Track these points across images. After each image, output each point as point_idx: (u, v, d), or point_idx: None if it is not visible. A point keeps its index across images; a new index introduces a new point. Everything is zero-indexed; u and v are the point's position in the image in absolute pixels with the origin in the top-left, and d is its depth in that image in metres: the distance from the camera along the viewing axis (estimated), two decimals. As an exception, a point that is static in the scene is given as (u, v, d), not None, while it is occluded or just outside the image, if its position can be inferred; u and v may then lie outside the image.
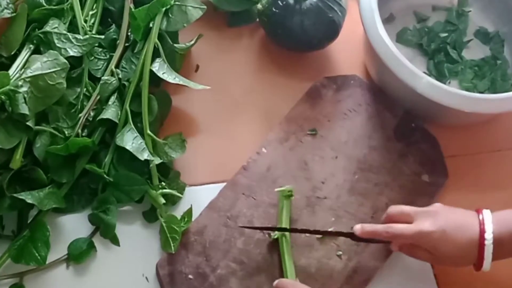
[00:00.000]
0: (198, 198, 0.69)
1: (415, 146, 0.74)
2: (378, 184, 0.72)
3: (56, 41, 0.70)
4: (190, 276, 0.65)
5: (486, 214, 0.61)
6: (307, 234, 0.67)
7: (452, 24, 0.84)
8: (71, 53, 0.70)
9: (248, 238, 0.67)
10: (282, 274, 0.65)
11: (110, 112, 0.69)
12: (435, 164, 0.74)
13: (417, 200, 0.71)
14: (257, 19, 0.81)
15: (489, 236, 0.59)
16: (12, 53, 0.70)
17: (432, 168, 0.73)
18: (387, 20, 0.83)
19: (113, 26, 0.76)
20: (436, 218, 0.61)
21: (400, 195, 0.71)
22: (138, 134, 0.68)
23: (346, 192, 0.71)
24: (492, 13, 0.85)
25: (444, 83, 0.75)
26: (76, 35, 0.71)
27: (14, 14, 0.70)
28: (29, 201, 0.63)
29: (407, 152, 0.74)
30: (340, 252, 0.67)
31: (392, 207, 0.64)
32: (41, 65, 0.66)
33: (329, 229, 0.67)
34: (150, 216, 0.69)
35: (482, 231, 0.60)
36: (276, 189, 0.65)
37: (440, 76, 0.81)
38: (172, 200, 0.69)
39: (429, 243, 0.60)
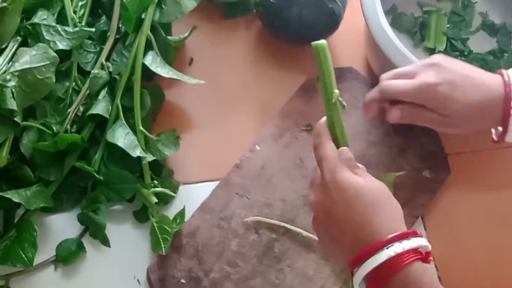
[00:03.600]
0: (191, 197, 0.68)
1: (415, 140, 0.73)
2: (378, 182, 0.70)
3: (44, 33, 0.69)
4: (183, 281, 0.64)
5: None
6: (304, 234, 0.66)
7: (458, 15, 0.82)
8: (61, 46, 0.69)
9: (243, 239, 0.66)
10: (280, 276, 0.64)
11: (100, 107, 0.68)
12: (436, 159, 0.72)
13: (418, 197, 0.69)
14: (254, 10, 0.79)
15: None
16: (4, 46, 0.68)
17: (433, 163, 0.72)
18: (390, 11, 0.82)
19: (104, 17, 0.74)
20: (442, 69, 0.52)
21: (401, 192, 0.69)
22: (129, 130, 0.67)
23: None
24: (499, 5, 0.83)
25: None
26: (66, 28, 0.70)
27: (5, 4, 0.68)
28: (16, 200, 0.62)
29: (407, 147, 0.73)
30: None
31: (384, 74, 0.54)
32: (30, 58, 0.65)
33: None
34: (142, 215, 0.68)
35: (508, 91, 0.50)
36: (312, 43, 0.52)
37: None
38: (164, 199, 0.68)
39: (435, 98, 0.51)
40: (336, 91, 0.51)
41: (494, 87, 0.51)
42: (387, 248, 0.43)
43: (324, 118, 0.52)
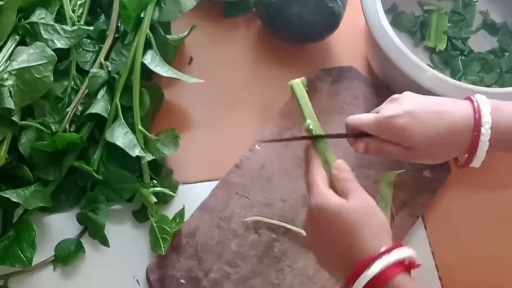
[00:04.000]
0: (190, 197, 0.68)
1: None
2: (378, 181, 0.70)
3: (43, 32, 0.69)
4: (182, 281, 0.63)
5: (481, 99, 0.51)
6: (304, 234, 0.65)
7: (459, 14, 0.82)
8: (59, 45, 0.68)
9: (242, 239, 0.66)
10: (280, 276, 0.64)
11: (99, 107, 0.68)
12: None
13: (419, 196, 0.69)
14: (254, 9, 0.79)
15: (486, 120, 0.49)
16: (0, 45, 0.68)
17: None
18: (390, 10, 0.81)
19: (102, 16, 0.74)
20: (401, 102, 0.51)
21: (401, 192, 0.69)
22: (129, 130, 0.67)
23: (344, 191, 0.69)
24: (500, 4, 0.83)
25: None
26: (64, 26, 0.69)
27: (1, 2, 0.67)
28: (14, 199, 0.62)
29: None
30: None
31: (350, 118, 0.55)
32: (27, 57, 0.64)
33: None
34: (141, 215, 0.67)
35: (477, 118, 0.49)
36: (288, 83, 0.56)
37: (445, 68, 0.79)
38: (163, 199, 0.68)
39: (395, 131, 0.50)
40: (308, 121, 0.54)
41: (461, 114, 0.50)
42: (372, 265, 0.45)
43: (308, 143, 0.53)
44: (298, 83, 0.56)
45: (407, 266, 0.45)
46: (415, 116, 0.50)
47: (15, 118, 0.63)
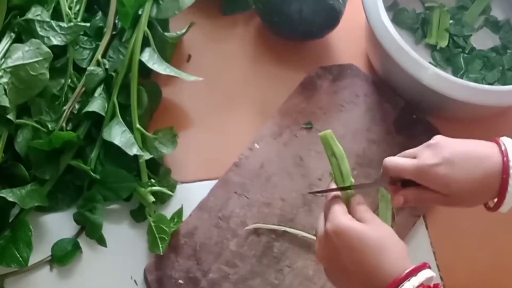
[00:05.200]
0: (189, 196, 0.68)
1: (417, 139, 0.71)
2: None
3: (38, 29, 0.68)
4: (180, 281, 0.63)
5: (509, 143, 0.51)
6: (304, 235, 0.65)
7: (463, 9, 0.81)
8: (55, 42, 0.68)
9: (241, 239, 0.65)
10: (279, 276, 0.63)
11: (96, 105, 0.67)
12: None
13: None
14: (253, 6, 0.78)
15: None
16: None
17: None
18: (391, 7, 0.81)
19: (100, 13, 0.74)
20: (439, 149, 0.52)
21: None
22: (126, 128, 0.67)
23: (345, 190, 0.69)
24: (502, 1, 0.83)
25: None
26: (60, 23, 0.69)
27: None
28: (10, 199, 0.61)
29: (409, 146, 0.70)
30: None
31: (387, 160, 0.54)
32: (22, 54, 0.64)
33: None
34: (139, 215, 0.67)
35: (506, 162, 0.50)
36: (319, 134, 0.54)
37: (447, 66, 0.79)
38: (161, 199, 0.68)
39: (438, 180, 0.51)
40: (352, 179, 0.52)
41: (494, 159, 0.51)
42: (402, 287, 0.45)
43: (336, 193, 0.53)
44: (327, 135, 0.52)
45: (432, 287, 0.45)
46: (456, 164, 0.51)
47: (10, 116, 0.62)
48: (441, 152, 0.52)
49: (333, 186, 0.53)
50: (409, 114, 0.73)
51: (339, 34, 0.77)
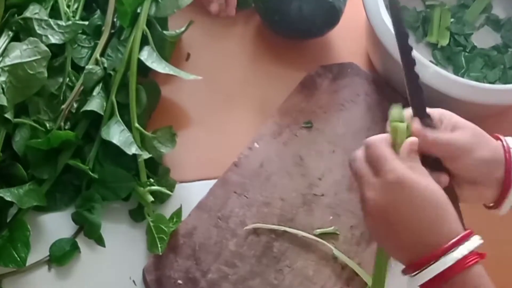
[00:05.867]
0: (188, 196, 0.68)
1: (418, 138, 0.72)
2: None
3: (36, 27, 0.68)
4: (180, 281, 0.63)
5: (509, 140, 0.51)
6: (304, 235, 0.65)
7: (464, 7, 0.81)
8: (53, 41, 0.68)
9: (241, 239, 0.65)
10: (279, 276, 0.63)
11: (95, 104, 0.67)
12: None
13: None
14: (253, 5, 0.78)
15: None
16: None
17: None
18: (391, 5, 0.80)
19: (98, 11, 0.73)
20: (448, 117, 0.51)
21: None
22: (125, 127, 0.66)
23: (345, 189, 0.69)
24: (504, -1, 0.83)
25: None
26: (58, 21, 0.69)
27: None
28: (8, 198, 0.61)
29: (410, 145, 0.72)
30: (339, 253, 0.65)
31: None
32: (20, 53, 0.64)
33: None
34: (137, 215, 0.67)
35: (509, 159, 0.49)
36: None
37: (448, 65, 0.79)
38: (160, 198, 0.67)
39: (448, 143, 0.49)
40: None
41: (499, 148, 0.51)
42: (453, 251, 0.43)
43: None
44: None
45: (481, 255, 0.44)
46: (465, 131, 0.50)
47: (8, 116, 0.62)
48: (451, 118, 0.51)
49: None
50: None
51: (339, 32, 0.77)
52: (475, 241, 0.44)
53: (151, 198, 0.64)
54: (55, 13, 0.71)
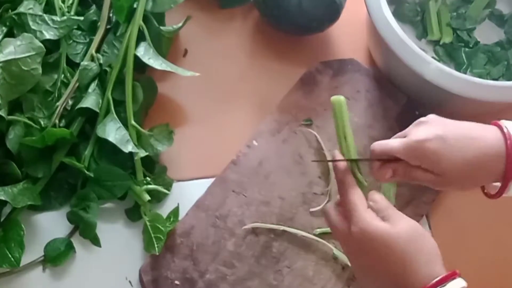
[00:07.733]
0: (185, 194, 0.67)
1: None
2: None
3: (31, 23, 0.68)
4: (177, 282, 0.62)
5: (510, 125, 0.50)
6: (304, 235, 0.65)
7: (467, 2, 0.81)
8: (47, 36, 0.68)
9: (239, 239, 0.65)
10: (278, 277, 0.63)
11: (90, 101, 0.67)
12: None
13: (421, 195, 0.68)
14: (251, 0, 0.78)
15: None
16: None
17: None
18: (392, 0, 0.79)
19: (94, 6, 0.74)
20: (431, 125, 0.50)
21: (405, 190, 0.68)
22: (121, 125, 0.66)
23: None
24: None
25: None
26: (53, 17, 0.69)
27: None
28: (2, 197, 0.61)
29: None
30: (339, 253, 0.64)
31: (375, 144, 0.52)
32: (14, 49, 0.64)
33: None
34: (134, 214, 0.67)
35: (510, 145, 0.48)
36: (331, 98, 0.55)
37: (450, 61, 0.78)
38: (157, 197, 0.67)
39: (428, 155, 0.48)
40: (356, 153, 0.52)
41: (492, 141, 0.49)
42: None
43: (343, 164, 0.51)
44: (341, 101, 0.52)
45: None
46: (447, 141, 0.48)
47: (2, 113, 0.62)
48: (432, 128, 0.49)
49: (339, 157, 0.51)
50: (411, 110, 0.72)
51: (340, 28, 0.77)
52: (453, 286, 0.43)
53: (147, 197, 0.64)
54: (49, 8, 0.71)
